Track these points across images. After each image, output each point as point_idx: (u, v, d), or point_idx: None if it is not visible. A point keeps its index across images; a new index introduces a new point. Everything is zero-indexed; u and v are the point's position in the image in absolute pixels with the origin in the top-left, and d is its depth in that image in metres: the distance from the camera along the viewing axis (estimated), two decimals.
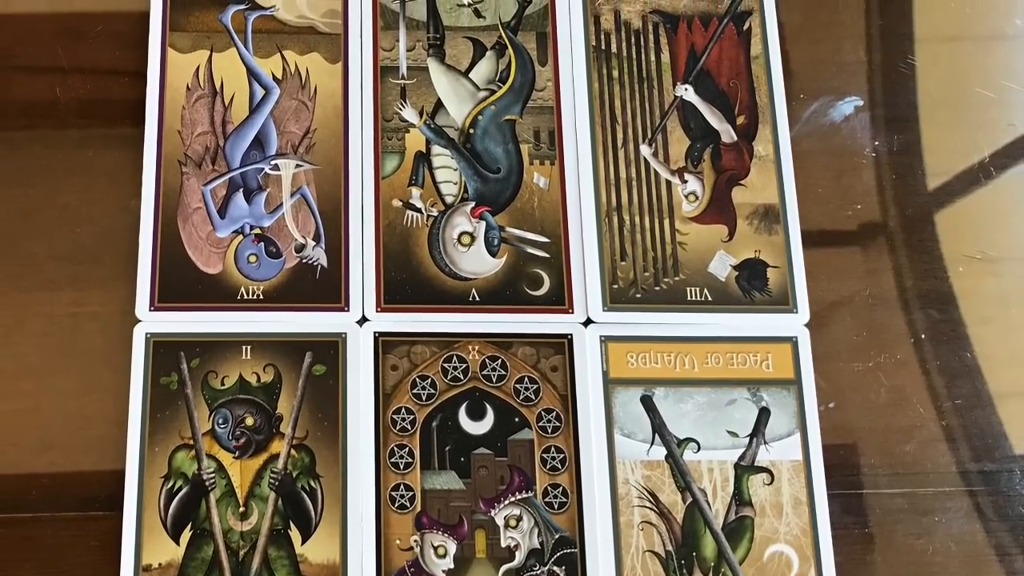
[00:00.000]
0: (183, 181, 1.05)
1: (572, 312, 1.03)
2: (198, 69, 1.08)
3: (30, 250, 1.05)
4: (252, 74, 1.08)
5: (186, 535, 0.96)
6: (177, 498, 0.97)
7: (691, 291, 1.04)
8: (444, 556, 0.97)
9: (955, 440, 1.05)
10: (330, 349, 1.01)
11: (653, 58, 1.11)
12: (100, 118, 1.10)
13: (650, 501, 0.99)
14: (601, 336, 1.02)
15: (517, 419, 1.01)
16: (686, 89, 1.10)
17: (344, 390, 1.00)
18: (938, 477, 1.04)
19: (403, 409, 1.00)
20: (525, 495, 0.99)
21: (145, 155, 1.05)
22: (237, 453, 0.98)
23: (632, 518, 0.98)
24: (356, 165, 1.06)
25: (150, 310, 1.01)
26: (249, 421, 0.99)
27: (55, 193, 1.06)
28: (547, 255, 1.05)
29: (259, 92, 1.08)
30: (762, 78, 1.11)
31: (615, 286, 1.04)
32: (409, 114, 1.08)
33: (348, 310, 1.02)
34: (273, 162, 1.06)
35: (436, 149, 1.07)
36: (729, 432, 1.01)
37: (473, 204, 1.06)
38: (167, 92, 1.07)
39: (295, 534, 0.97)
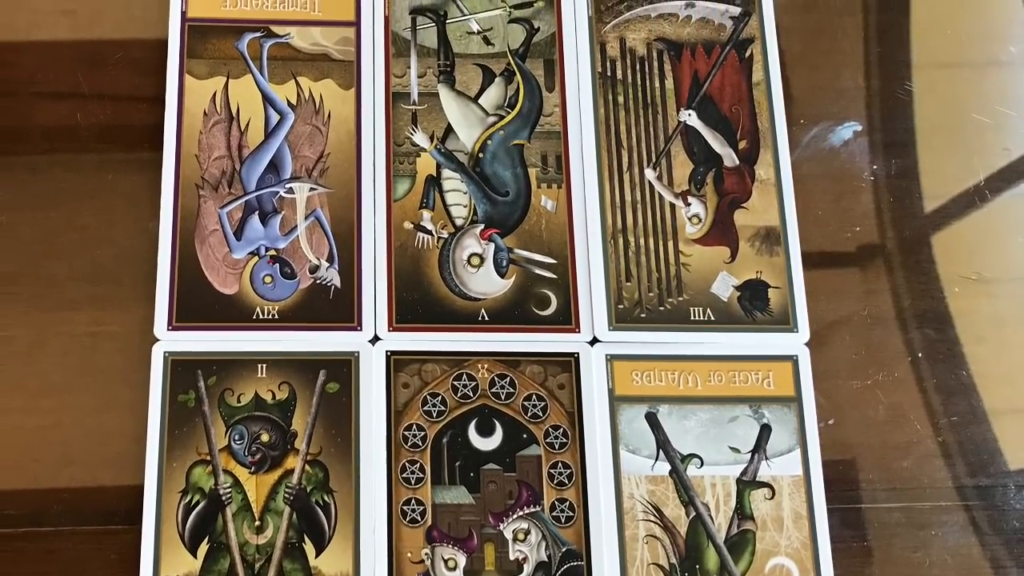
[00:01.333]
0: (200, 204, 1.05)
1: (579, 331, 1.03)
2: (215, 95, 1.08)
3: (51, 271, 1.05)
4: (267, 100, 1.08)
5: (203, 548, 0.96)
6: (194, 512, 0.97)
7: (694, 311, 1.04)
8: (454, 569, 0.97)
9: (951, 456, 1.05)
10: (343, 367, 1.01)
11: (657, 84, 1.11)
12: (120, 143, 1.10)
13: (654, 515, 0.99)
14: (607, 355, 1.02)
15: (525, 435, 1.01)
16: (689, 114, 1.10)
17: (357, 407, 1.00)
18: (935, 492, 1.04)
19: (414, 426, 1.00)
20: (533, 509, 0.99)
21: (163, 178, 1.05)
22: (253, 468, 0.98)
23: (637, 532, 0.99)
24: (368, 188, 1.06)
25: (168, 329, 1.01)
26: (264, 437, 0.99)
27: (76, 215, 1.06)
28: (554, 276, 1.05)
29: (274, 117, 1.08)
30: (763, 104, 1.11)
31: (620, 306, 1.04)
32: (420, 139, 1.08)
33: (361, 329, 1.02)
34: (288, 185, 1.06)
35: (446, 173, 1.07)
36: (731, 448, 1.01)
37: (482, 226, 1.06)
38: (185, 117, 1.07)
39: (309, 547, 0.97)
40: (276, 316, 1.03)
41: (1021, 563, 1.03)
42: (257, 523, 0.98)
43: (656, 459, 1.01)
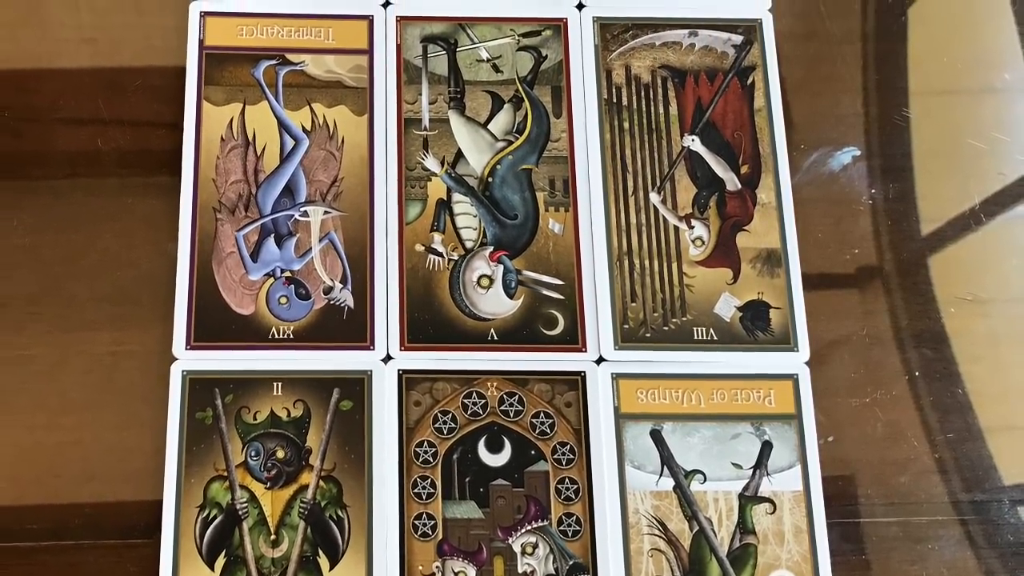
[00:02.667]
0: (217, 227, 1.06)
1: (585, 351, 1.04)
2: (232, 121, 1.09)
3: (73, 292, 1.05)
4: (283, 126, 1.09)
5: (220, 562, 0.97)
6: (212, 526, 0.98)
7: (698, 331, 1.05)
8: None
9: (947, 472, 1.05)
10: (356, 386, 1.01)
11: (662, 111, 1.12)
12: (139, 167, 1.10)
13: (659, 529, 0.99)
14: (613, 373, 1.03)
15: (533, 452, 1.01)
16: (693, 140, 1.11)
17: (370, 424, 1.00)
18: (931, 507, 1.04)
19: (425, 442, 1.01)
20: (541, 523, 0.99)
21: (181, 202, 1.06)
22: (268, 484, 0.99)
23: (642, 545, 0.99)
24: (381, 212, 1.07)
25: (186, 349, 1.02)
26: (280, 454, 1.00)
27: (96, 238, 1.07)
28: (562, 297, 1.05)
29: (289, 143, 1.08)
30: (765, 129, 1.11)
31: (626, 326, 1.05)
32: (431, 163, 1.08)
33: (374, 349, 1.03)
34: (303, 209, 1.07)
35: (457, 197, 1.08)
36: (733, 464, 1.01)
37: (491, 249, 1.07)
38: (202, 143, 1.08)
39: (323, 561, 0.97)
40: (291, 336, 1.03)
41: None
42: (273, 537, 0.98)
43: (660, 475, 1.01)
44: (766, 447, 1.02)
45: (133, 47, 1.15)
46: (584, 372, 1.03)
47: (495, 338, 1.04)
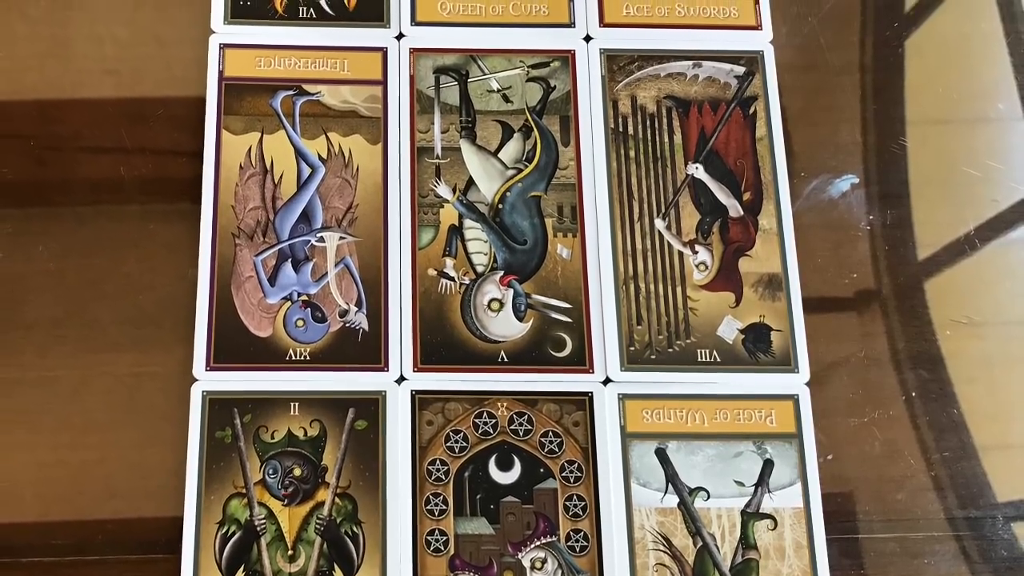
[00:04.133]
0: (236, 252, 1.06)
1: (592, 372, 1.04)
2: (250, 149, 1.09)
3: (96, 315, 1.06)
4: (299, 154, 1.10)
5: None
6: (231, 542, 0.99)
7: (701, 353, 1.05)
8: None
9: (943, 489, 1.05)
10: (371, 406, 1.02)
11: (666, 139, 1.12)
12: (160, 194, 1.11)
13: (664, 545, 1.00)
14: (619, 394, 1.03)
15: (542, 470, 1.02)
16: (697, 168, 1.11)
17: (384, 443, 1.01)
18: (927, 523, 1.04)
19: (438, 461, 1.01)
20: (549, 539, 1.00)
21: (201, 228, 1.06)
22: (286, 501, 1.00)
23: (647, 560, 0.99)
24: (395, 237, 1.08)
25: (206, 370, 1.03)
26: (297, 472, 1.01)
27: (119, 263, 1.08)
28: (570, 320, 1.06)
29: (306, 170, 1.09)
30: (766, 158, 1.12)
31: (632, 348, 1.05)
32: (443, 191, 1.09)
33: (387, 370, 1.04)
34: (319, 235, 1.07)
35: (468, 223, 1.09)
36: (736, 482, 1.02)
37: (502, 273, 1.07)
38: (222, 170, 1.08)
39: (339, 575, 0.98)
40: (308, 358, 1.04)
41: None
42: (290, 552, 0.99)
43: (665, 492, 1.01)
44: (767, 465, 1.03)
45: (154, 78, 1.15)
46: (591, 393, 1.04)
47: (505, 360, 1.05)
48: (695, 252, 1.10)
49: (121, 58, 1.16)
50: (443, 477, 1.02)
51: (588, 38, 1.16)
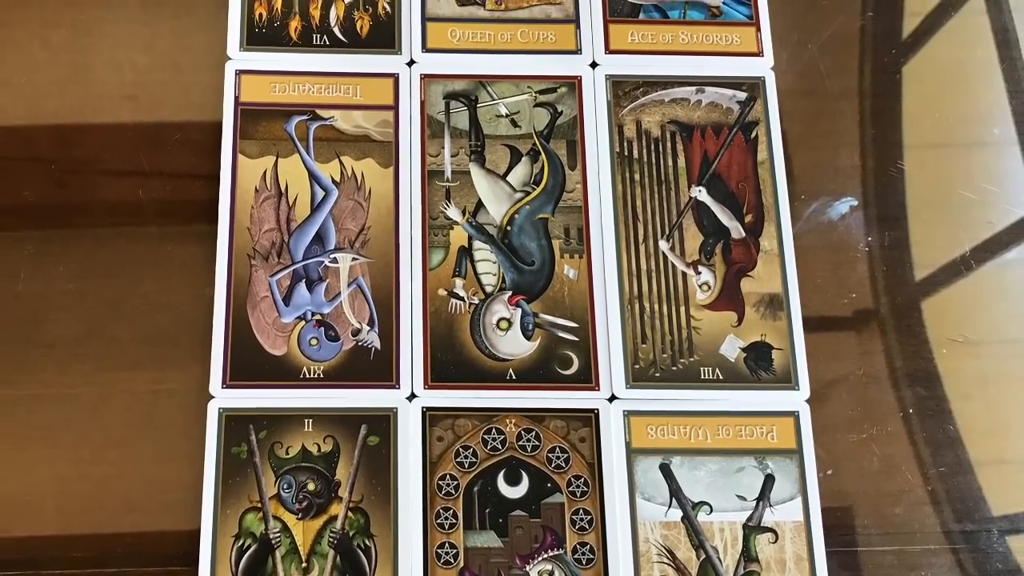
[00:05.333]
0: (252, 272, 1.07)
1: (598, 389, 1.05)
2: (265, 173, 1.10)
3: (115, 334, 1.07)
4: (313, 177, 1.10)
5: None
6: (246, 555, 1.00)
7: (704, 371, 1.06)
8: None
9: (939, 503, 1.06)
10: (383, 422, 1.03)
11: (670, 163, 1.13)
12: (178, 216, 1.12)
13: (668, 558, 1.01)
14: (624, 411, 1.04)
15: (549, 484, 1.02)
16: (700, 191, 1.12)
17: (395, 459, 1.02)
18: (924, 536, 1.04)
19: (448, 475, 1.02)
20: (556, 552, 1.01)
21: (218, 249, 1.07)
22: (300, 515, 1.01)
23: (652, 573, 1.00)
24: (406, 258, 1.08)
25: (222, 388, 1.03)
26: (311, 486, 1.01)
27: (138, 283, 1.09)
28: (576, 339, 1.07)
29: (319, 193, 1.10)
30: (767, 181, 1.13)
31: (637, 366, 1.06)
32: (453, 213, 1.10)
33: (399, 387, 1.04)
34: (332, 256, 1.08)
35: (477, 244, 1.09)
36: (738, 496, 1.02)
37: (510, 293, 1.08)
38: (237, 193, 1.09)
39: None
40: (321, 375, 1.05)
41: None
42: (304, 565, 1.00)
43: (669, 506, 1.02)
44: (769, 480, 1.03)
45: (172, 103, 1.16)
46: (597, 409, 1.05)
47: (513, 377, 1.06)
48: (698, 273, 1.10)
49: (140, 84, 1.17)
50: (453, 491, 1.02)
51: (594, 64, 1.17)
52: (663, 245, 1.11)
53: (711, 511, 1.03)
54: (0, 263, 1.10)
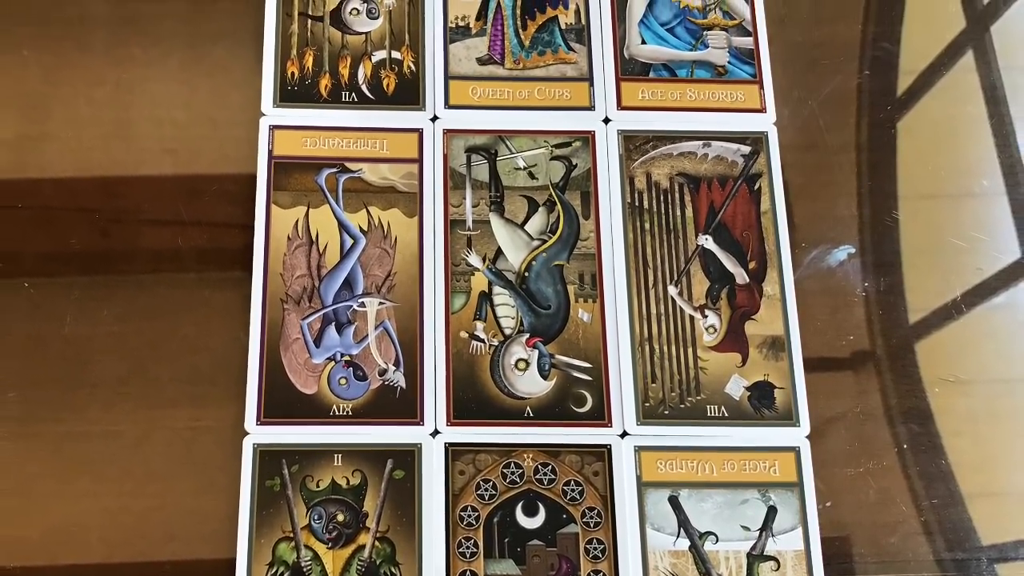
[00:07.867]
0: (284, 316, 1.09)
1: (611, 426, 1.07)
2: (297, 222, 1.12)
3: (156, 374, 1.09)
4: (343, 226, 1.12)
5: None
6: None
7: (710, 408, 1.08)
8: None
9: (932, 533, 1.07)
10: (408, 457, 1.05)
11: (679, 213, 1.15)
12: (215, 263, 1.14)
13: None
14: (635, 446, 1.06)
15: (565, 515, 1.04)
16: (706, 239, 1.14)
17: (420, 491, 1.04)
18: (918, 564, 1.06)
19: (469, 507, 1.04)
20: None
21: (252, 294, 1.09)
22: (330, 544, 1.02)
23: None
24: (430, 303, 1.10)
25: (257, 424, 1.05)
26: (340, 517, 1.03)
27: (177, 326, 1.11)
28: (590, 378, 1.08)
29: (348, 241, 1.12)
30: (770, 229, 1.15)
31: (647, 404, 1.08)
32: (474, 260, 1.12)
33: (423, 424, 1.06)
34: (360, 300, 1.10)
35: (497, 289, 1.11)
36: (742, 527, 1.04)
37: (528, 335, 1.10)
38: (271, 241, 1.11)
39: None
40: (350, 413, 1.07)
41: None
42: None
43: (678, 536, 1.04)
44: (771, 511, 1.05)
45: (209, 157, 1.18)
46: (610, 445, 1.07)
47: (531, 415, 1.08)
48: (705, 316, 1.12)
49: (179, 138, 1.19)
50: (474, 522, 1.04)
51: (607, 120, 1.19)
52: (672, 290, 1.13)
53: (717, 540, 1.04)
54: (47, 307, 1.11)
